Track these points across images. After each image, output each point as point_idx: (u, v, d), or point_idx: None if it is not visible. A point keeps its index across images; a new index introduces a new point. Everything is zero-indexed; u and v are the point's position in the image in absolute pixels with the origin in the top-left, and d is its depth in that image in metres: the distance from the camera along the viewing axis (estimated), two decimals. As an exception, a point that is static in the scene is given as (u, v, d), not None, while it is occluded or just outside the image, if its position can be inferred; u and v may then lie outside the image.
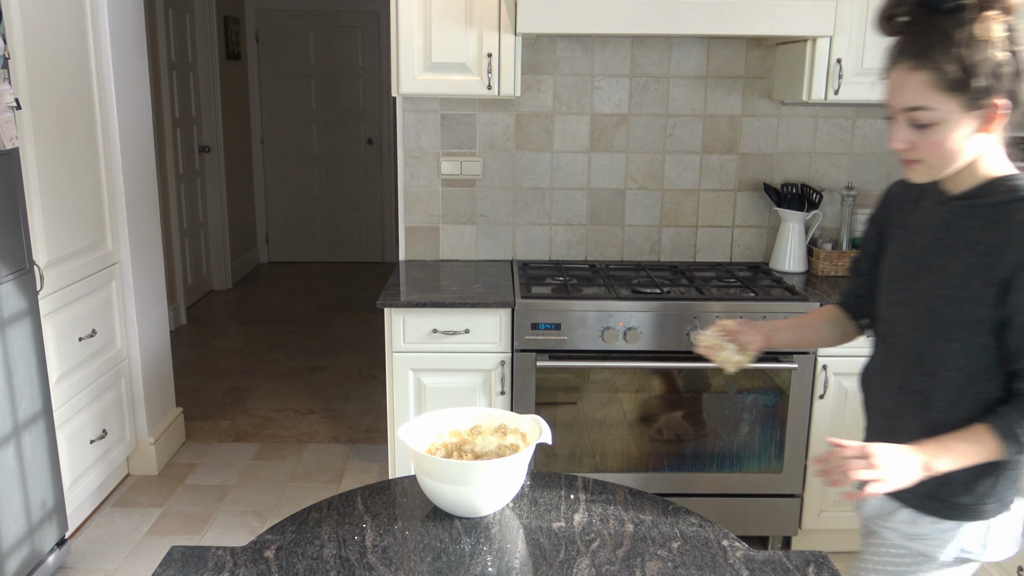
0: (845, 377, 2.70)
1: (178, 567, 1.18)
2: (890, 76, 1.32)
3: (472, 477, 1.28)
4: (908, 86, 1.28)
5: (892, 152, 1.38)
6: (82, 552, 2.87)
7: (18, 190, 2.44)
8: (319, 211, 7.12)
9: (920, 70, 1.27)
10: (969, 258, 1.31)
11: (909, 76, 1.28)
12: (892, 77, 1.31)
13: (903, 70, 1.29)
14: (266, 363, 4.75)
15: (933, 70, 1.25)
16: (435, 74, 2.70)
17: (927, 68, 1.26)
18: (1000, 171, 1.33)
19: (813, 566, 1.22)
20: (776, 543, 2.88)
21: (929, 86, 1.26)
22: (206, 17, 5.78)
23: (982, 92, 1.25)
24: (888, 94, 1.33)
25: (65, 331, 2.81)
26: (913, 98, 1.28)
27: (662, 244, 3.21)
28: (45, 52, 2.66)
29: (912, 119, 1.30)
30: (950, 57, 1.24)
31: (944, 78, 1.25)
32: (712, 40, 3.05)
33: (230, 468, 3.49)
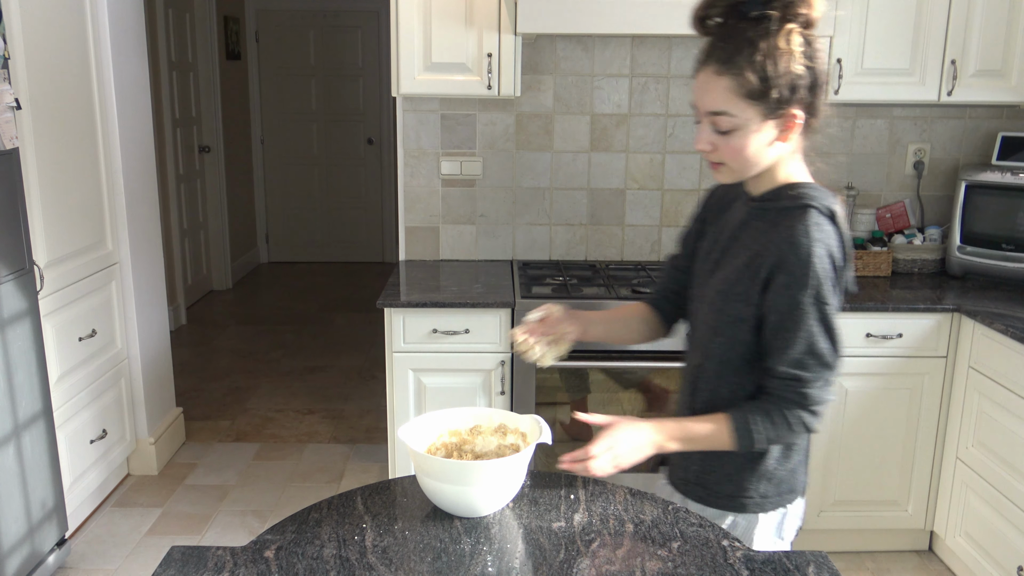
0: (845, 377, 2.70)
1: (178, 567, 1.18)
2: (697, 78, 1.34)
3: (472, 477, 1.27)
4: (712, 90, 1.31)
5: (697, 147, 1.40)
6: (82, 552, 2.87)
7: (18, 190, 2.44)
8: (319, 211, 7.12)
9: (723, 75, 1.29)
10: (745, 257, 1.37)
11: (714, 80, 1.31)
12: (699, 79, 1.34)
13: (709, 73, 1.31)
14: (266, 363, 4.75)
15: (735, 77, 1.29)
16: (435, 74, 2.70)
17: (730, 74, 1.29)
18: (794, 178, 1.39)
19: (813, 566, 1.22)
20: (776, 543, 2.87)
21: (731, 92, 1.30)
22: (206, 17, 5.77)
23: (780, 102, 1.29)
24: (695, 96, 1.35)
25: (65, 331, 2.81)
26: (716, 103, 1.31)
27: (662, 244, 3.21)
28: (45, 52, 2.66)
29: (714, 123, 1.33)
30: (753, 66, 1.27)
31: (745, 86, 1.28)
32: (712, 40, 3.05)
33: (230, 468, 3.49)
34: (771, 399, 1.36)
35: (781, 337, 1.33)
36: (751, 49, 1.27)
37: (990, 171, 2.90)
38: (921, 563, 2.87)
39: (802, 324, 1.32)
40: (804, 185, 1.37)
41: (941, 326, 2.68)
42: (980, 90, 2.80)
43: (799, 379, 1.34)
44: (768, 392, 1.37)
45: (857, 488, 2.79)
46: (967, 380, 2.63)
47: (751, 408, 1.36)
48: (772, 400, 1.36)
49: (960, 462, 2.67)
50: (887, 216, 3.17)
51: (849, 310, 2.64)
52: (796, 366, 1.33)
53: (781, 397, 1.35)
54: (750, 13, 1.28)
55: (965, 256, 2.95)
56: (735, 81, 1.29)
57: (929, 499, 2.81)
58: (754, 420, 1.35)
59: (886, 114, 3.13)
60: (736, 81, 1.29)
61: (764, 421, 1.35)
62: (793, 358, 1.33)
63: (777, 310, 1.32)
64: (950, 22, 2.73)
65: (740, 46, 1.28)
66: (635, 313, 1.65)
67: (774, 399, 1.36)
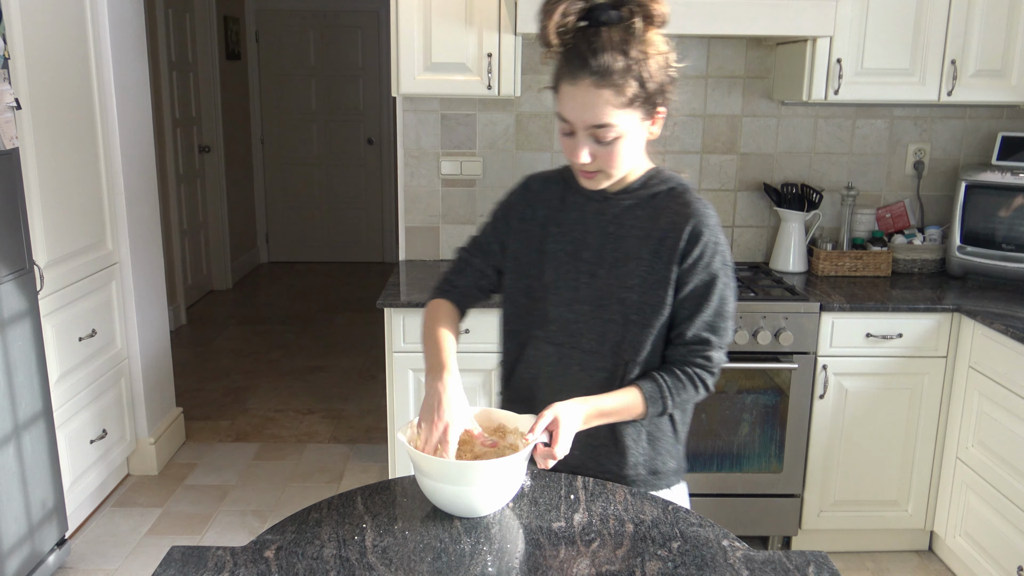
0: (845, 377, 2.70)
1: (178, 567, 1.18)
2: (567, 92, 1.32)
3: (470, 477, 1.27)
4: (593, 105, 1.30)
5: (573, 165, 1.39)
6: (82, 552, 2.87)
7: (18, 190, 2.44)
8: (319, 211, 7.12)
9: (603, 88, 1.29)
10: (650, 245, 1.41)
11: (592, 94, 1.29)
12: (572, 94, 1.31)
13: (586, 87, 1.29)
14: (266, 363, 4.75)
15: (615, 88, 1.29)
16: (435, 74, 2.70)
17: (609, 86, 1.28)
18: (646, 165, 1.46)
19: (813, 566, 1.22)
20: (776, 543, 2.88)
21: (612, 104, 1.30)
22: (206, 17, 5.77)
23: (656, 103, 1.33)
24: (568, 110, 1.33)
25: (65, 331, 2.81)
26: (599, 116, 1.30)
27: (662, 244, 3.20)
28: (45, 52, 2.66)
29: (596, 135, 1.33)
30: (630, 73, 1.28)
31: (625, 95, 1.29)
32: (712, 40, 3.05)
33: (230, 468, 3.49)
34: (677, 364, 1.43)
35: (696, 304, 1.41)
36: (624, 56, 1.28)
37: (990, 171, 2.90)
38: (921, 563, 2.87)
39: (715, 289, 1.41)
40: (662, 169, 1.46)
41: (941, 326, 2.68)
42: (980, 90, 2.80)
43: (708, 342, 1.42)
44: (673, 358, 1.44)
45: (857, 488, 2.79)
46: (967, 380, 2.63)
47: (656, 374, 1.43)
48: (678, 365, 1.43)
49: (960, 462, 2.67)
50: (887, 216, 3.17)
51: (849, 310, 2.65)
52: (707, 329, 1.42)
53: (688, 361, 1.43)
54: (606, 19, 1.29)
55: (965, 256, 2.95)
56: (615, 92, 1.29)
57: (929, 499, 2.81)
58: (664, 386, 1.42)
59: (886, 114, 3.13)
60: (616, 91, 1.29)
61: (675, 385, 1.42)
62: (705, 322, 1.42)
63: (694, 281, 1.40)
64: (950, 22, 2.73)
65: (613, 55, 1.27)
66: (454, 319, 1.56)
67: (680, 364, 1.43)
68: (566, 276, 1.46)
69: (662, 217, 1.42)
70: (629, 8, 1.29)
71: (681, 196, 1.43)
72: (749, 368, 2.66)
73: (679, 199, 1.43)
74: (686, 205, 1.41)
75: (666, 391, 1.42)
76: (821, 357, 2.68)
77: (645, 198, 1.44)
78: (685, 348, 1.43)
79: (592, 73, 1.28)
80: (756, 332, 2.63)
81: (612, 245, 1.44)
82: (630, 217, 1.43)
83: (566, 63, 1.31)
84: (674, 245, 1.40)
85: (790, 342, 2.64)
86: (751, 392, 2.70)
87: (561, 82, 1.33)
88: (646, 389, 1.41)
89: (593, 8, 1.29)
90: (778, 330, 2.64)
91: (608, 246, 1.44)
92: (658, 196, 1.44)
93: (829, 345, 2.67)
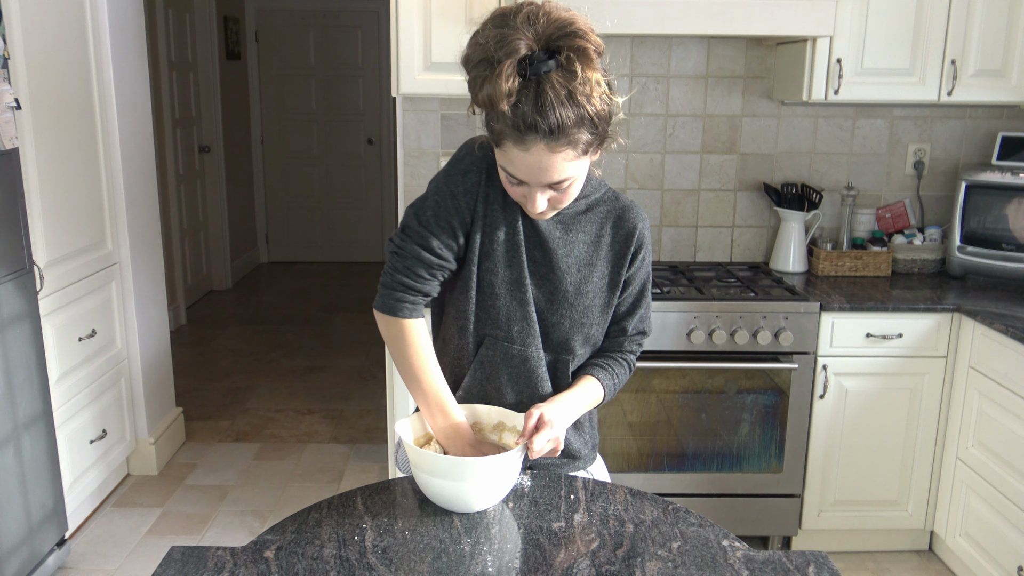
0: (845, 377, 2.70)
1: (178, 567, 1.18)
2: (517, 155, 1.24)
3: (465, 473, 1.28)
4: (549, 168, 1.25)
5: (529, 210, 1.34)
6: (82, 552, 2.87)
7: (18, 190, 2.44)
8: (319, 211, 7.12)
9: (556, 151, 1.23)
10: (601, 251, 1.47)
11: (547, 158, 1.23)
12: (523, 159, 1.24)
13: (538, 152, 1.23)
14: (266, 363, 4.75)
15: (569, 145, 1.23)
16: (435, 74, 2.70)
17: (564, 146, 1.23)
18: None
19: (813, 566, 1.22)
20: (776, 543, 2.88)
21: (570, 159, 1.25)
22: (206, 17, 5.77)
23: (604, 138, 1.30)
24: (521, 172, 1.27)
25: (65, 331, 2.81)
26: (557, 175, 1.27)
27: (662, 244, 3.21)
28: (45, 52, 2.66)
29: (556, 187, 1.30)
30: (582, 123, 1.22)
31: (579, 148, 1.25)
32: (712, 40, 3.05)
33: (230, 468, 3.49)
34: (616, 353, 1.54)
35: (637, 301, 1.53)
36: (573, 106, 1.20)
37: (990, 171, 2.90)
38: (921, 563, 2.87)
39: (648, 286, 1.54)
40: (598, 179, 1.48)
41: (941, 326, 2.68)
42: (980, 90, 2.79)
43: (644, 332, 1.57)
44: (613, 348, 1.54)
45: (857, 488, 2.79)
46: (967, 380, 2.63)
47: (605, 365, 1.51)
48: (618, 354, 1.54)
49: (960, 462, 2.67)
50: (887, 216, 3.17)
51: (849, 310, 2.65)
52: (643, 322, 1.55)
53: (626, 350, 1.55)
54: (546, 71, 1.20)
55: (965, 256, 2.95)
56: (571, 148, 1.24)
57: (929, 499, 2.81)
58: (617, 377, 1.52)
59: (886, 114, 3.13)
60: (571, 147, 1.24)
61: (622, 374, 1.53)
62: (642, 316, 1.54)
63: (639, 280, 1.51)
64: (950, 22, 2.73)
65: (563, 110, 1.20)
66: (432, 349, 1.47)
67: (619, 353, 1.54)
68: (519, 276, 1.43)
69: (608, 222, 1.47)
70: (565, 54, 1.20)
71: (618, 200, 1.49)
72: (749, 368, 2.66)
73: (618, 203, 1.48)
74: (627, 210, 1.48)
75: (618, 382, 1.53)
76: (821, 357, 2.68)
77: (586, 205, 1.47)
78: (626, 339, 1.54)
79: (545, 136, 1.21)
80: (756, 332, 2.63)
81: (564, 250, 1.45)
82: (576, 223, 1.46)
83: (511, 126, 1.22)
84: (624, 250, 1.48)
85: (790, 342, 2.64)
86: (751, 392, 2.70)
87: (506, 142, 1.24)
88: (606, 384, 1.50)
89: (529, 61, 1.19)
90: (778, 330, 2.64)
91: (560, 251, 1.45)
92: (598, 202, 1.48)
93: (829, 345, 2.67)
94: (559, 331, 1.47)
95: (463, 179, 1.39)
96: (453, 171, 1.40)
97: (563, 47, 1.21)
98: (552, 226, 1.45)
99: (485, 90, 1.20)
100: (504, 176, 1.32)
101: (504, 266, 1.42)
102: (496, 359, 1.46)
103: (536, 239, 1.44)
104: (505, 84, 1.18)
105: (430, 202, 1.40)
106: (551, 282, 1.45)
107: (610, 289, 1.48)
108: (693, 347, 2.65)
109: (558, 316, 1.46)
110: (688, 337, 2.64)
